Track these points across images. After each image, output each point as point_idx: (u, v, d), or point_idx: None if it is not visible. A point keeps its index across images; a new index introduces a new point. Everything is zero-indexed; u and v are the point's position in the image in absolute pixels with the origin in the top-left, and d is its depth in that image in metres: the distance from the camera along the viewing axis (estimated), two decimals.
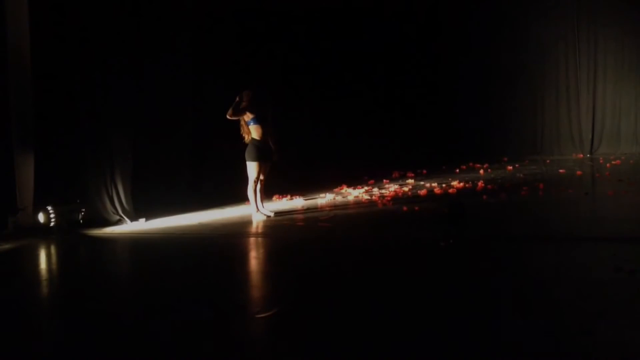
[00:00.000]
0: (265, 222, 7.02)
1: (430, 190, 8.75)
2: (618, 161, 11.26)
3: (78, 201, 6.90)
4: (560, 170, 10.42)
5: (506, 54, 13.39)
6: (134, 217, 7.23)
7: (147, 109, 7.96)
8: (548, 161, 12.25)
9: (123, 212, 7.17)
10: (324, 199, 8.55)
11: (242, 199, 8.28)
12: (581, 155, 12.92)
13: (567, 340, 3.19)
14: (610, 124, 13.05)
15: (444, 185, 9.17)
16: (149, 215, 7.35)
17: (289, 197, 8.70)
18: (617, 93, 12.97)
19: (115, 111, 7.24)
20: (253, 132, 7.11)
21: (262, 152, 7.13)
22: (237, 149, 7.21)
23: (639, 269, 4.24)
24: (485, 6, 13.24)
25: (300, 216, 7.33)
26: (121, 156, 7.27)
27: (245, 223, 7.03)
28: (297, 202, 8.38)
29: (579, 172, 10.20)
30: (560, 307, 3.70)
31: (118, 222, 7.10)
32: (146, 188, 7.66)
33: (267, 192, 8.64)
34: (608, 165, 10.84)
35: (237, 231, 6.63)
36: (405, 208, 7.41)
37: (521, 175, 10.15)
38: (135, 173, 7.43)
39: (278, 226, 6.76)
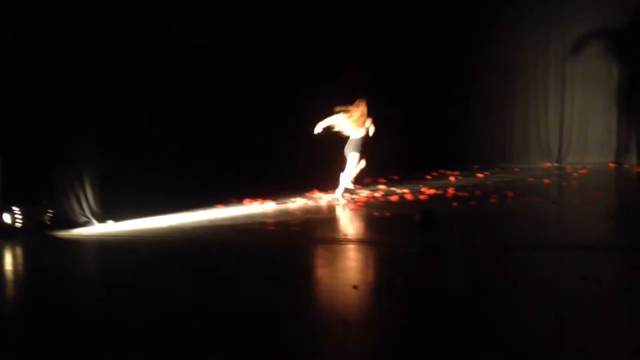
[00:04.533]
0: (236, 226, 6.97)
1: (402, 197, 8.81)
2: (585, 170, 11.47)
3: (45, 202, 6.79)
4: (529, 179, 10.57)
5: (477, 64, 13.55)
6: (102, 219, 7.13)
7: (118, 105, 7.83)
8: (517, 169, 12.41)
9: (91, 214, 7.07)
10: (296, 203, 8.54)
11: (214, 202, 8.27)
12: (549, 164, 13.12)
13: (532, 349, 3.22)
14: (578, 133, 13.26)
15: (415, 191, 9.23)
16: (118, 217, 7.26)
17: (260, 201, 8.66)
18: (585, 104, 13.20)
19: (84, 109, 7.12)
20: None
21: None
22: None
23: (604, 277, 4.32)
24: (457, 18, 13.39)
25: (272, 220, 7.31)
26: (90, 156, 7.16)
27: (216, 227, 6.98)
28: (269, 206, 8.35)
29: (547, 181, 10.36)
30: (525, 316, 3.74)
31: (86, 223, 6.99)
32: (116, 189, 7.55)
33: (240, 197, 8.65)
34: (575, 174, 11.02)
35: (208, 235, 6.58)
36: (376, 214, 7.44)
37: (491, 183, 10.27)
38: (105, 173, 7.32)
39: (249, 230, 6.73)
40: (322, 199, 8.88)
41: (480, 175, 11.37)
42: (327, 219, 7.46)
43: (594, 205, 7.58)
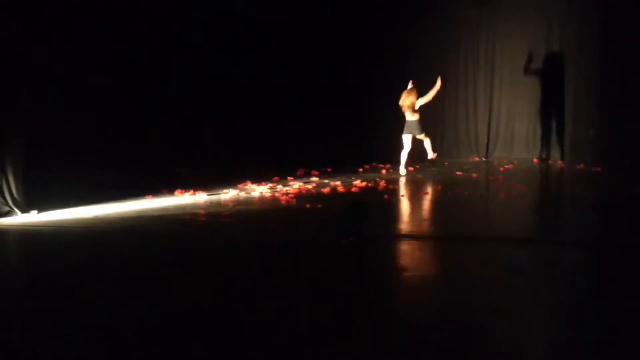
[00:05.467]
0: (165, 217, 6.85)
1: (334, 189, 8.87)
2: (511, 165, 11.87)
3: None
4: (458, 173, 10.85)
5: (409, 61, 13.79)
6: (25, 209, 6.87)
7: (43, 92, 7.53)
8: (447, 163, 12.71)
9: (13, 203, 6.79)
10: (228, 194, 8.47)
11: (145, 192, 8.10)
12: (477, 159, 13.52)
13: (456, 337, 3.31)
14: (505, 129, 13.74)
15: (347, 184, 9.31)
16: (42, 207, 7.00)
17: (192, 192, 8.55)
18: (512, 100, 13.68)
19: (6, 91, 6.80)
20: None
21: None
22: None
23: (525, 269, 4.49)
24: (390, 12, 13.55)
25: (203, 211, 7.22)
26: (13, 144, 6.86)
27: (144, 218, 6.83)
28: (200, 197, 8.25)
29: (474, 175, 10.66)
30: (449, 305, 3.84)
31: (7, 213, 6.71)
32: (41, 178, 7.27)
33: (171, 188, 8.51)
34: (501, 169, 11.39)
35: (134, 226, 6.43)
36: (308, 205, 7.47)
37: (421, 176, 10.48)
38: (29, 161, 7.03)
39: (179, 221, 6.63)
40: (254, 190, 8.84)
41: (411, 168, 11.58)
42: (259, 210, 7.42)
43: (517, 199, 7.84)
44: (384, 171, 11.14)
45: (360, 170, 11.27)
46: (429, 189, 8.65)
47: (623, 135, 10.43)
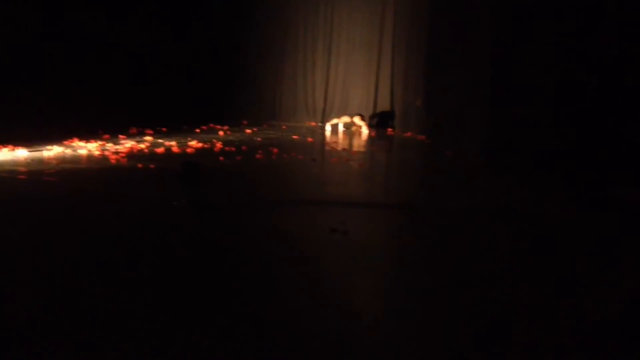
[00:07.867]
0: None
1: (168, 149, 8.66)
2: (344, 131, 12.32)
3: None
4: (294, 137, 11.04)
5: (253, 20, 13.74)
6: None
7: None
8: (284, 127, 12.89)
9: None
10: (51, 151, 7.95)
11: None
12: (314, 124, 13.84)
13: (281, 300, 3.41)
14: (341, 95, 14.17)
15: (182, 144, 9.13)
16: None
17: (10, 147, 7.91)
18: (348, 67, 14.11)
19: None
20: None
21: None
22: None
23: (350, 230, 4.72)
24: None
25: (23, 169, 6.72)
26: None
27: None
28: (20, 154, 7.66)
29: (310, 139, 10.91)
30: (278, 268, 3.94)
31: None
32: None
33: None
34: (339, 134, 11.78)
35: None
36: (140, 165, 7.23)
37: (258, 139, 10.54)
38: None
39: None
40: (83, 147, 8.37)
41: (248, 130, 11.60)
42: (86, 169, 7.06)
43: (348, 164, 8.17)
44: (221, 132, 11.05)
45: (197, 131, 11.08)
46: (265, 152, 8.72)
47: (446, 106, 11.17)
